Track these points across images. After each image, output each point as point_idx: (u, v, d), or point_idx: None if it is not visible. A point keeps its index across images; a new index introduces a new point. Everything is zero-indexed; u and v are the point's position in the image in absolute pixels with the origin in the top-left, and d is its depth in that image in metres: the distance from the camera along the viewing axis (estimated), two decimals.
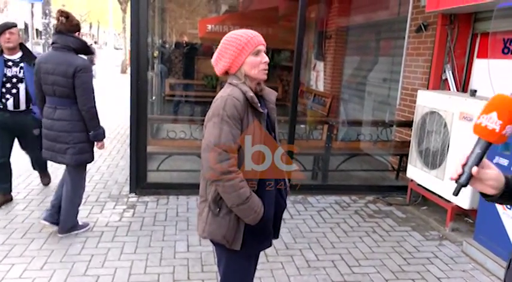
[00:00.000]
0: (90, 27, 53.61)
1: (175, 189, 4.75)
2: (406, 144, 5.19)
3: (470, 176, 1.11)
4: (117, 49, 46.61)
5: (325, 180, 5.33)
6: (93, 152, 3.53)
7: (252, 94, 1.85)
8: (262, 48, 1.90)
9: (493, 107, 1.10)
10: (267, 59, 1.91)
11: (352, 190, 5.08)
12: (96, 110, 3.37)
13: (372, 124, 6.38)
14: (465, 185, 1.12)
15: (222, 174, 1.78)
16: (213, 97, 1.91)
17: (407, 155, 4.88)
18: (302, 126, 6.91)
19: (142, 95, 4.48)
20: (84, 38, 3.88)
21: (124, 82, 4.66)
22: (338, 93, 8.14)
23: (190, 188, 4.72)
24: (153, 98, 7.25)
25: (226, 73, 1.93)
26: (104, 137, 3.50)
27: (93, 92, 3.37)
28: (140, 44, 4.38)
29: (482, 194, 1.18)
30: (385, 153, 5.78)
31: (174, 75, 9.43)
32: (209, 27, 9.05)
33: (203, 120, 1.94)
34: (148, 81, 6.41)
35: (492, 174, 1.13)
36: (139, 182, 4.67)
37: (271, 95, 2.03)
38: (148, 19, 6.37)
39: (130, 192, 4.68)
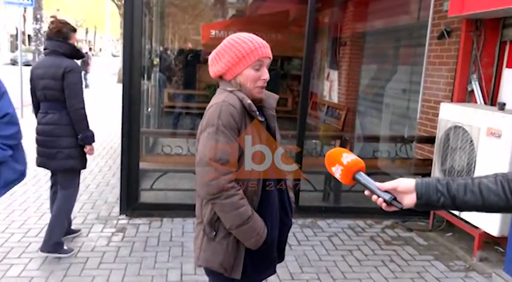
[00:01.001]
0: (87, 32, 54.56)
1: (170, 210, 4.72)
2: (428, 162, 5.12)
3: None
4: (114, 56, 47.25)
5: (338, 202, 5.26)
6: (84, 160, 3.70)
7: (249, 101, 1.81)
8: (266, 62, 1.86)
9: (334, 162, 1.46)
10: (267, 76, 1.86)
11: (367, 213, 5.01)
12: (84, 112, 3.57)
13: (390, 140, 6.32)
14: (389, 200, 1.35)
15: (219, 192, 1.74)
16: None
17: (429, 175, 4.80)
18: (313, 141, 6.87)
19: (135, 106, 4.48)
20: (80, 45, 4.15)
21: (120, 92, 4.70)
22: (353, 105, 8.12)
23: (187, 209, 4.66)
24: (149, 109, 7.27)
25: (221, 77, 1.90)
26: (93, 140, 3.66)
27: (82, 94, 3.58)
28: (134, 50, 4.40)
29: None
30: (404, 172, 5.70)
31: (173, 84, 9.50)
32: (213, 32, 9.14)
33: None
34: (144, 91, 6.46)
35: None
36: (131, 202, 4.65)
37: (270, 99, 1.98)
38: (146, 24, 6.44)
39: (121, 213, 4.65)
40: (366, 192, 1.41)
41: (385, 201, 1.36)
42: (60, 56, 3.55)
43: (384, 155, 5.89)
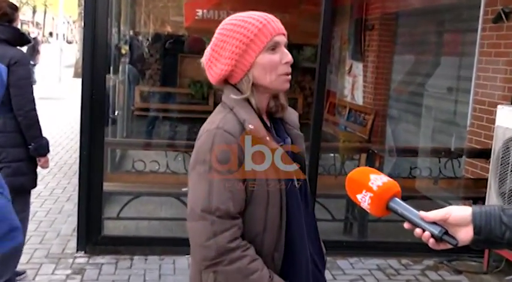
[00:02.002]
0: (34, 12, 54.79)
1: (143, 246, 4.71)
2: (482, 183, 5.12)
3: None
4: (70, 43, 47.39)
5: (364, 235, 5.26)
6: (34, 175, 3.70)
7: (254, 125, 1.69)
8: (282, 39, 1.77)
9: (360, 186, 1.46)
10: (289, 57, 1.76)
11: (402, 250, 4.99)
12: (36, 114, 3.57)
13: (431, 153, 6.33)
14: (440, 235, 1.33)
15: (220, 255, 1.64)
16: (204, 112, 1.85)
17: (483, 199, 4.81)
18: (331, 155, 6.89)
19: (97, 109, 4.50)
20: (25, 28, 4.16)
21: (77, 90, 4.71)
22: (384, 107, 8.14)
23: (165, 245, 4.67)
24: (116, 113, 7.29)
25: (225, 81, 1.79)
26: (48, 151, 3.68)
27: (32, 91, 3.59)
28: (97, 34, 4.42)
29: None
30: (451, 195, 5.71)
31: (147, 80, 9.54)
32: (199, 12, 9.17)
33: (186, 145, 1.90)
34: (110, 89, 6.49)
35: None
36: (91, 234, 4.63)
37: (292, 115, 1.92)
38: (113, 1, 6.49)
39: (78, 249, 4.63)
40: (406, 225, 1.40)
41: (433, 236, 1.34)
42: (2, 44, 3.54)
43: (423, 173, 5.89)
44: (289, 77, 1.77)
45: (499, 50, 5.31)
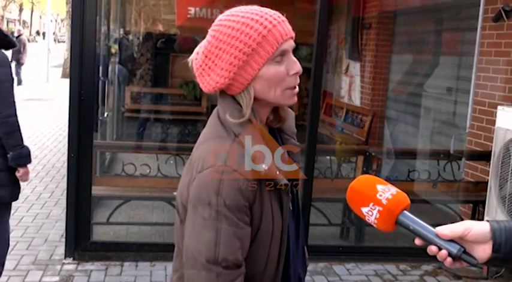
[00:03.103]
0: (21, 10, 54.68)
1: (133, 251, 4.70)
2: (482, 186, 5.14)
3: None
4: (58, 42, 47.35)
5: (361, 239, 5.27)
6: (16, 187, 3.55)
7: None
8: (291, 45, 1.55)
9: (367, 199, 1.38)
10: (298, 66, 1.56)
11: (400, 255, 5.01)
12: (17, 120, 3.43)
13: (430, 156, 6.34)
14: (459, 254, 1.27)
15: None
16: (196, 113, 1.71)
17: (483, 202, 4.82)
18: (327, 157, 6.90)
19: (86, 110, 4.49)
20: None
21: (66, 91, 4.71)
22: (381, 109, 8.15)
23: (156, 250, 4.67)
24: (105, 114, 7.29)
25: (222, 91, 1.60)
26: (29, 161, 3.54)
27: (13, 95, 3.45)
28: (85, 33, 4.42)
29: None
30: (450, 199, 5.72)
31: (138, 80, 9.52)
32: (192, 10, 9.16)
33: (178, 148, 1.82)
34: (99, 90, 6.48)
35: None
36: (80, 240, 4.63)
37: (288, 119, 1.74)
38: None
39: (66, 256, 4.62)
40: (417, 241, 1.33)
41: (450, 255, 1.28)
42: None
43: (422, 176, 5.91)
44: (297, 89, 1.58)
45: (500, 49, 5.33)
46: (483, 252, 1.27)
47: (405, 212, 1.33)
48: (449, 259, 1.28)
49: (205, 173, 1.48)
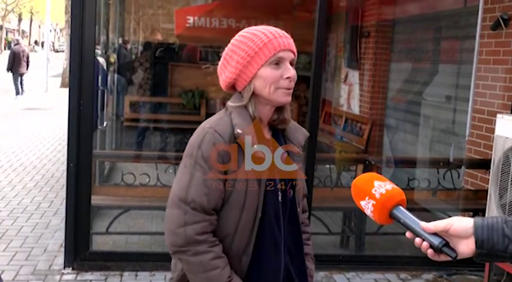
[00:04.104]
0: (20, 20, 54.80)
1: (133, 261, 4.69)
2: (482, 194, 5.14)
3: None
4: (57, 52, 47.44)
5: (361, 248, 5.25)
6: None
7: (243, 130, 1.85)
8: (287, 55, 1.91)
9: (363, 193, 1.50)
10: (292, 72, 1.91)
11: (401, 264, 4.99)
12: None
13: (430, 164, 6.34)
14: (440, 246, 1.36)
15: (186, 245, 1.80)
16: (195, 122, 1.98)
17: (483, 211, 4.82)
18: (327, 166, 6.90)
19: (85, 120, 4.50)
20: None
21: (65, 100, 4.74)
22: (381, 117, 8.16)
23: (156, 260, 4.66)
24: (105, 124, 7.29)
25: (234, 88, 1.97)
26: None
27: None
28: (85, 42, 4.43)
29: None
30: (450, 207, 5.72)
31: (137, 90, 9.52)
32: (190, 20, 9.19)
33: (178, 157, 1.99)
34: (98, 99, 6.48)
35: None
36: (79, 250, 4.62)
37: (297, 133, 2.05)
38: (102, 8, 6.50)
39: (66, 266, 4.61)
40: (408, 234, 1.42)
41: (431, 246, 1.36)
42: None
43: (422, 184, 5.90)
44: (290, 91, 1.91)
45: (498, 57, 5.34)
46: (467, 246, 1.35)
47: (399, 206, 1.44)
48: (430, 250, 1.36)
49: (196, 132, 1.89)
